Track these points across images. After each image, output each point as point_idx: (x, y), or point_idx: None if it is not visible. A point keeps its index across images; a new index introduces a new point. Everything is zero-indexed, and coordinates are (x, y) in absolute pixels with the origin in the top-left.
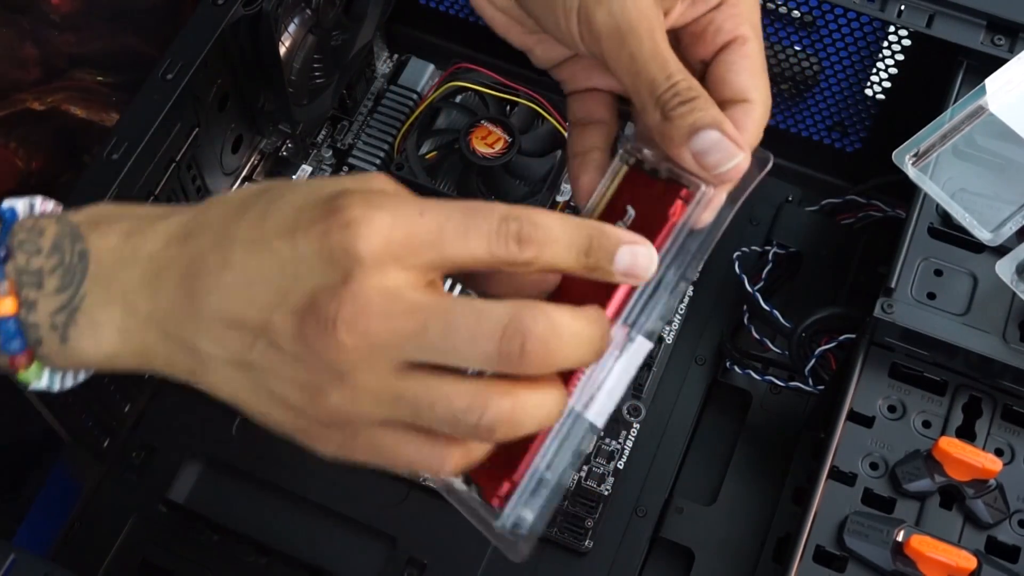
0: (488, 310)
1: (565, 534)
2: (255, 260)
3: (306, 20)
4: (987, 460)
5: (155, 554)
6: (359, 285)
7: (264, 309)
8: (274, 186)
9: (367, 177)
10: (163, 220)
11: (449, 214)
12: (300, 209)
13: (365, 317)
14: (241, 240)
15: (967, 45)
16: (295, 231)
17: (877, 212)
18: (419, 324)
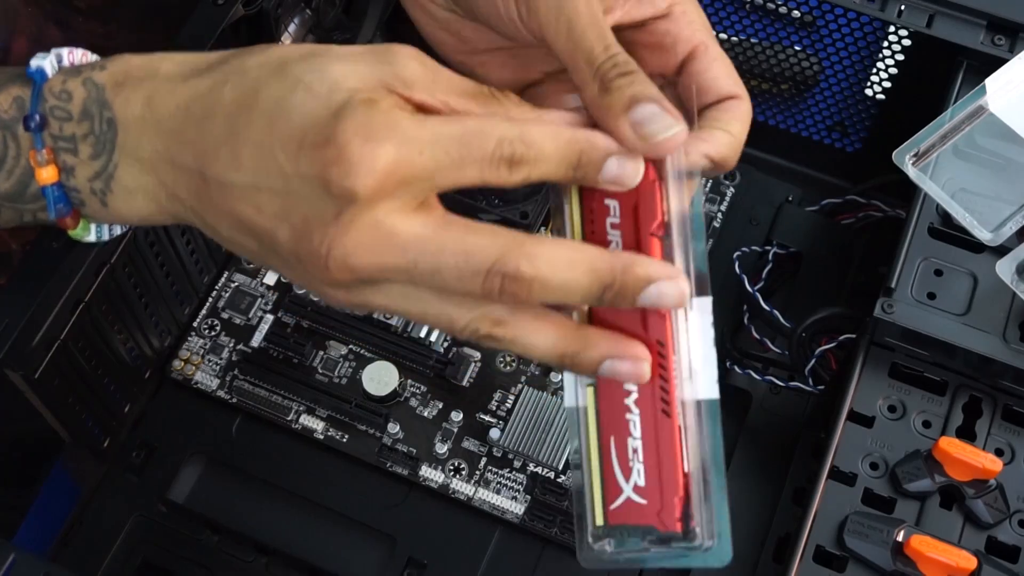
0: (476, 249)
1: (565, 534)
2: (262, 166)
3: (306, 20)
4: (987, 460)
5: (155, 554)
6: (350, 222)
7: (269, 219)
8: (292, 71)
9: (388, 73)
10: (183, 84)
11: (447, 147)
12: (309, 121)
13: (354, 256)
14: (251, 140)
15: (967, 45)
16: (300, 148)
17: (877, 212)
18: (408, 262)
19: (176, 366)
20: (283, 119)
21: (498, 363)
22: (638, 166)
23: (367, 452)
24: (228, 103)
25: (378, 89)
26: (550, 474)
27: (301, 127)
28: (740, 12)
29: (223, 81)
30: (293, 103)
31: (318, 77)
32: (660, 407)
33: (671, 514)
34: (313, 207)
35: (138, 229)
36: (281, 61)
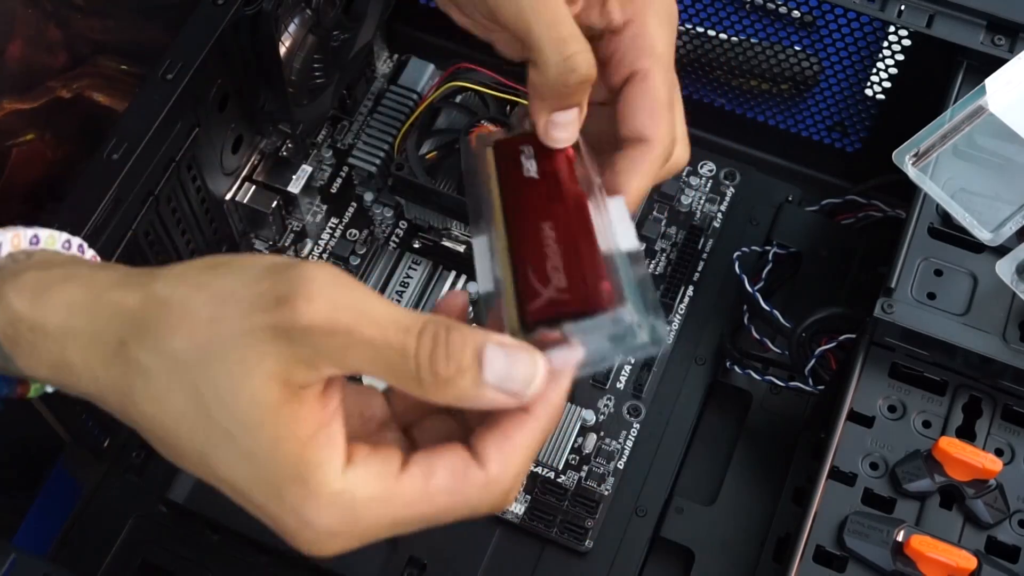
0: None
1: (565, 534)
2: (208, 479)
3: (306, 20)
4: (987, 460)
5: (155, 554)
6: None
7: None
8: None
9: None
10: (89, 382)
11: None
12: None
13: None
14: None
15: (967, 45)
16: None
17: (877, 212)
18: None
19: None
20: (218, 471)
21: None
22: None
23: None
24: (144, 410)
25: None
26: (550, 474)
27: (236, 487)
28: (740, 12)
29: (126, 370)
30: (224, 457)
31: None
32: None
33: (597, 294)
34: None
35: (138, 228)
36: (191, 379)
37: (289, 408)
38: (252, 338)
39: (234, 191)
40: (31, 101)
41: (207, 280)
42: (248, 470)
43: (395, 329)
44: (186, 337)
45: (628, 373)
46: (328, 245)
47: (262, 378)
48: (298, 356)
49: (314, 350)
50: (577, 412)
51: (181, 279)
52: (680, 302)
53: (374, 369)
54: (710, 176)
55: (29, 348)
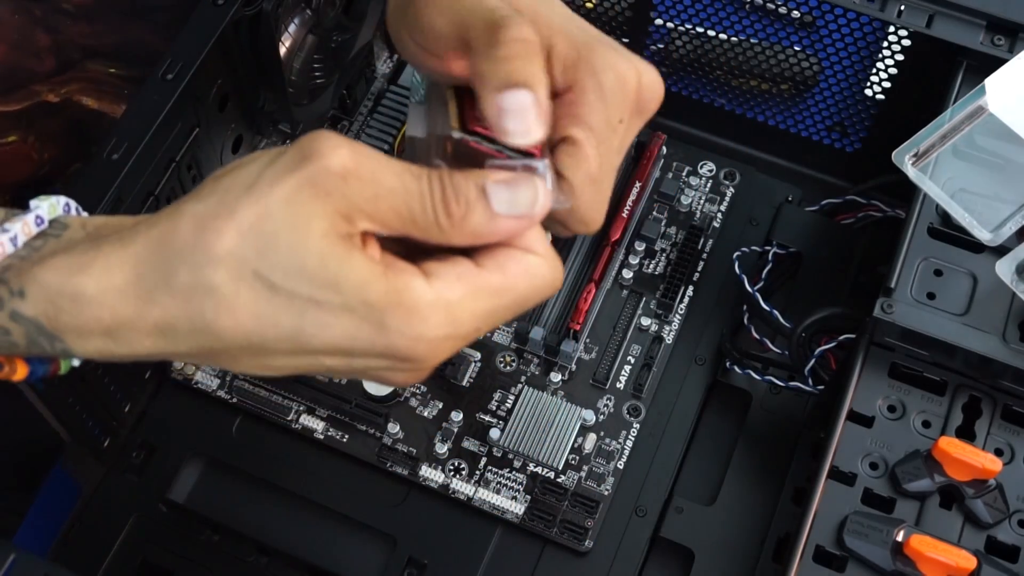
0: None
1: (565, 534)
2: (300, 367)
3: (306, 20)
4: (987, 460)
5: (155, 554)
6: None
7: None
8: (278, 282)
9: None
10: (150, 327)
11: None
12: (344, 336)
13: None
14: (277, 355)
15: (967, 45)
16: (347, 354)
17: (877, 212)
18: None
19: (176, 366)
20: (310, 334)
21: (498, 363)
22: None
23: (367, 452)
24: (225, 330)
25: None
26: (550, 474)
27: (336, 341)
28: (740, 12)
29: (192, 303)
30: (312, 316)
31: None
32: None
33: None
34: (378, 371)
35: None
36: (253, 271)
37: (354, 254)
38: (294, 203)
39: None
40: (13, 104)
41: (229, 179)
42: (346, 322)
43: (410, 177)
44: (234, 233)
45: (628, 373)
46: None
47: (319, 235)
48: (338, 209)
49: (349, 201)
50: (577, 412)
51: (203, 192)
52: (680, 302)
53: (398, 219)
54: (710, 176)
55: (75, 321)
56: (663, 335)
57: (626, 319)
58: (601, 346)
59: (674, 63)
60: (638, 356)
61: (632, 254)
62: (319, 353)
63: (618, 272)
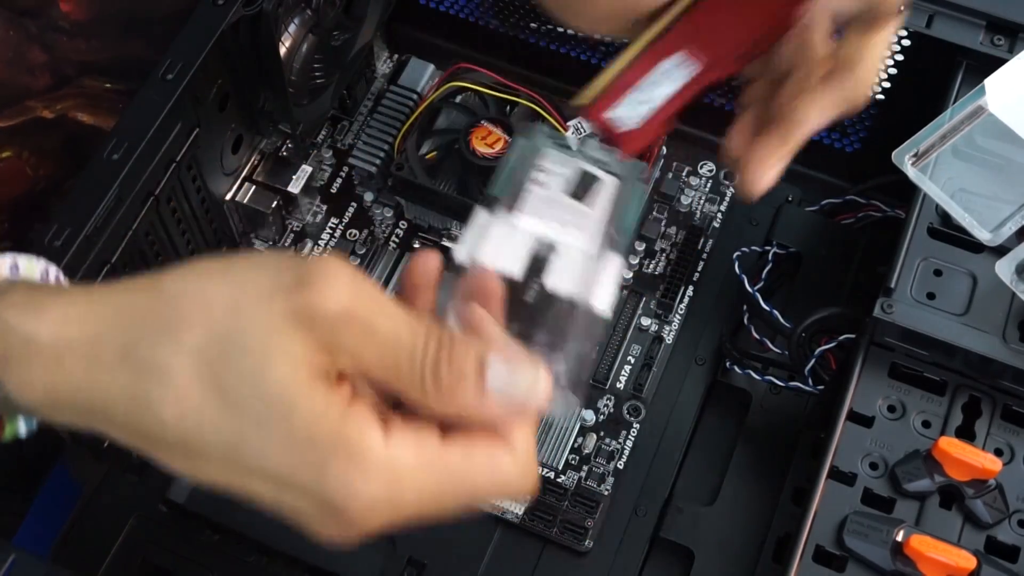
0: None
1: (565, 534)
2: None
3: (306, 20)
4: (987, 460)
5: (155, 554)
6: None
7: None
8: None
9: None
10: (89, 381)
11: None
12: (284, 459)
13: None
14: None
15: (967, 45)
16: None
17: (877, 212)
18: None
19: None
20: (249, 461)
21: None
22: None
23: None
24: (160, 413)
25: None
26: (550, 474)
27: (270, 472)
28: None
29: (140, 381)
30: (255, 443)
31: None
32: None
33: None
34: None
35: (139, 228)
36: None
37: (319, 388)
38: (275, 324)
39: (234, 191)
40: (8, 120)
41: (221, 272)
42: (285, 454)
43: (407, 329)
44: (205, 330)
45: (628, 373)
46: (328, 245)
47: (289, 363)
48: (319, 343)
49: (333, 339)
50: (577, 412)
51: (191, 273)
52: (680, 302)
53: (382, 369)
54: (710, 176)
55: (22, 366)
56: (663, 335)
57: (626, 319)
58: (601, 346)
59: None
60: (638, 356)
61: (632, 254)
62: (252, 475)
63: None
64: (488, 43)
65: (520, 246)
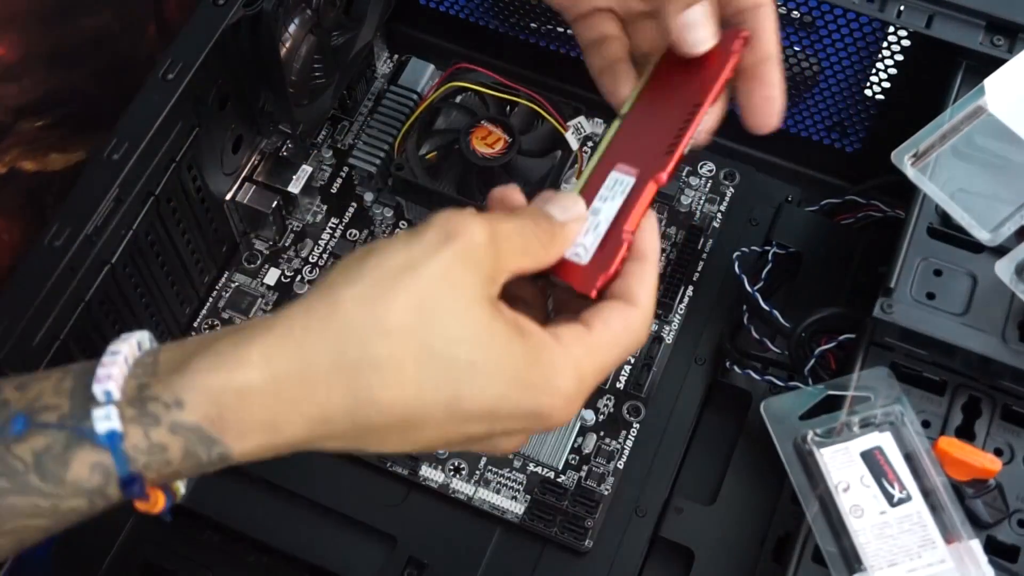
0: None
1: (565, 534)
2: (444, 438)
3: (306, 20)
4: (987, 460)
5: (155, 554)
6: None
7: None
8: (441, 351)
9: (487, 273)
10: (309, 402)
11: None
12: (496, 401)
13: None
14: (429, 426)
15: (966, 45)
16: (494, 421)
17: (877, 212)
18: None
19: None
20: (465, 403)
21: None
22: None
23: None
24: (386, 402)
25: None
26: (550, 474)
27: (489, 408)
28: None
29: (359, 377)
30: (467, 385)
31: (464, 337)
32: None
33: (592, 283)
34: (512, 439)
35: (139, 228)
36: (415, 336)
37: (498, 318)
38: (451, 276)
39: (234, 191)
40: None
41: (375, 261)
42: (497, 383)
43: (520, 219)
44: (400, 308)
45: (628, 373)
46: (328, 245)
47: (473, 305)
48: (487, 275)
49: (494, 263)
50: (577, 412)
51: (350, 276)
52: (680, 302)
53: (525, 258)
54: (710, 176)
55: (238, 417)
56: (663, 335)
57: None
58: None
59: None
60: (638, 356)
61: None
62: (469, 419)
63: None
64: (488, 43)
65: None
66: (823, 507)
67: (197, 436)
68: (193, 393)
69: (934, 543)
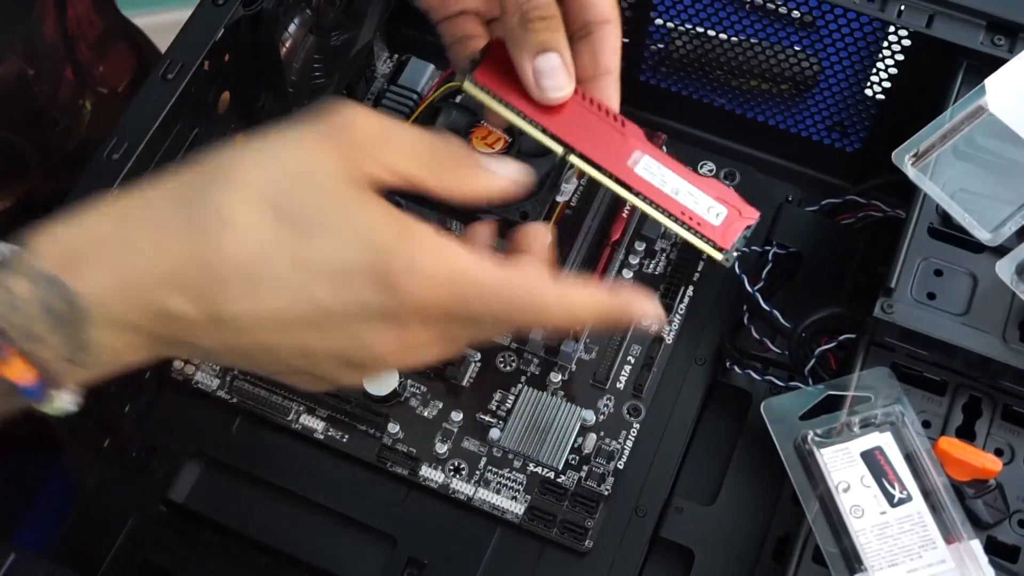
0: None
1: (565, 534)
2: (293, 302)
3: (306, 20)
4: (987, 460)
5: (155, 554)
6: (402, 331)
7: (300, 340)
8: (294, 212)
9: (345, 144)
10: (159, 250)
11: (491, 307)
12: (343, 257)
13: (407, 352)
14: (275, 281)
15: (967, 45)
16: (338, 282)
17: (877, 212)
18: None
19: (176, 366)
20: (310, 258)
21: (498, 363)
22: (660, 313)
23: (367, 452)
24: (232, 254)
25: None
26: (550, 474)
27: (334, 264)
28: (740, 12)
29: (209, 233)
30: (316, 240)
31: (316, 202)
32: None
33: (744, 205)
34: (360, 327)
35: None
36: (268, 199)
37: (365, 193)
38: (307, 146)
39: None
40: None
41: (243, 142)
42: (347, 243)
43: (419, 133)
44: (250, 167)
45: (628, 373)
46: None
47: (329, 175)
48: (349, 153)
49: (359, 146)
50: (577, 412)
51: (216, 153)
52: (680, 302)
53: (412, 164)
54: (710, 176)
55: (92, 265)
56: (663, 335)
57: None
58: (601, 346)
59: (674, 63)
60: (638, 356)
61: (632, 254)
62: (316, 280)
63: (618, 272)
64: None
65: None
66: (823, 507)
67: (49, 283)
68: (46, 243)
69: (934, 543)
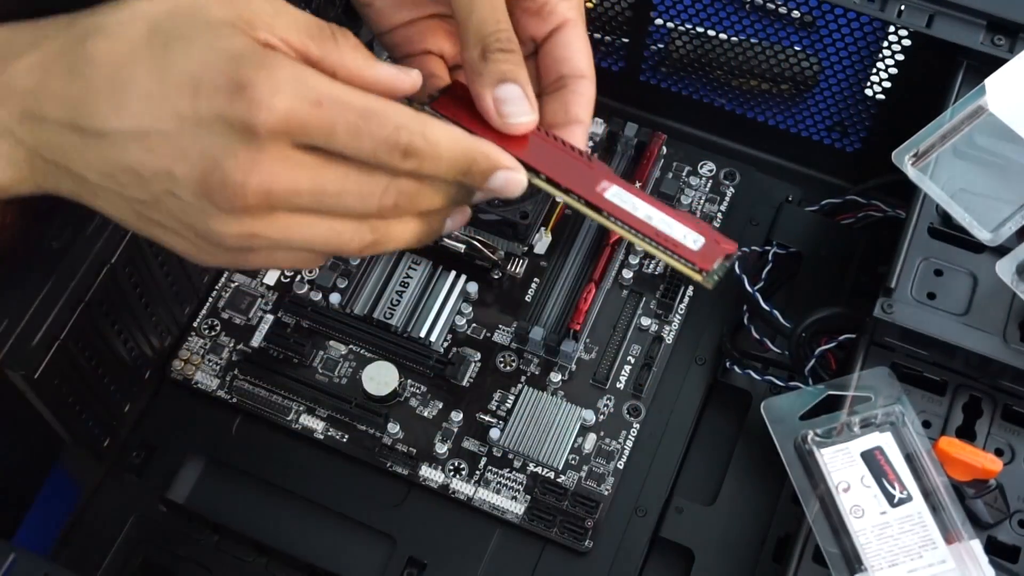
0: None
1: (565, 534)
2: (150, 111)
3: None
4: (987, 460)
5: (155, 554)
6: (259, 154)
7: (162, 158)
8: (168, 30)
9: (233, 13)
10: (35, 50)
11: (345, 112)
12: (204, 66)
13: (268, 181)
14: (137, 87)
15: (967, 45)
16: (198, 90)
17: (877, 212)
18: (316, 184)
19: (176, 366)
20: (176, 65)
21: (498, 363)
22: (521, 181)
23: (367, 452)
24: (102, 58)
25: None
26: (550, 474)
27: (198, 72)
28: (740, 12)
29: (87, 41)
30: (187, 51)
31: (207, 30)
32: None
33: (722, 237)
34: (215, 142)
35: None
36: (153, 22)
37: (242, 30)
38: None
39: None
40: None
41: None
42: (208, 51)
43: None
44: (151, 3)
45: (628, 373)
46: None
47: (206, 7)
48: (241, 15)
49: (252, 10)
50: (577, 412)
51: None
52: (680, 302)
53: (297, 34)
54: (710, 176)
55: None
56: (663, 335)
57: (626, 319)
58: (601, 346)
59: (674, 63)
60: (638, 356)
61: (632, 254)
62: (174, 89)
63: (618, 272)
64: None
65: None
66: (823, 507)
67: None
68: None
69: (935, 543)
